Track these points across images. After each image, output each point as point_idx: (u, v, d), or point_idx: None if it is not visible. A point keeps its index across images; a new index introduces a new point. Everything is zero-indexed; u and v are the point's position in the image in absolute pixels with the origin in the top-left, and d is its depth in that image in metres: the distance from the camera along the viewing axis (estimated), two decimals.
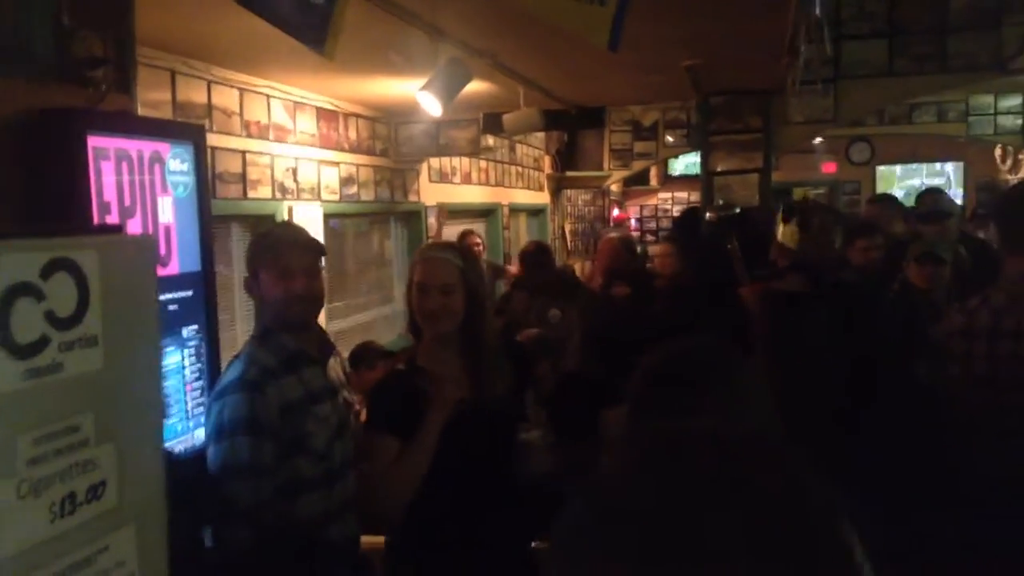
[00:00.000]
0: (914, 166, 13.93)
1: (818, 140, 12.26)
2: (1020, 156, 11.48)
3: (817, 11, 2.74)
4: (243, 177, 4.77)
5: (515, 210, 9.44)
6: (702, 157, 6.86)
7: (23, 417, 0.79)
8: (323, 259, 2.58)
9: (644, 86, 6.22)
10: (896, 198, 5.81)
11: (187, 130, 2.71)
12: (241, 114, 4.76)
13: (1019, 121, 9.37)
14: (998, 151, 11.91)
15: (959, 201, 11.13)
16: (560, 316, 4.97)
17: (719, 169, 6.68)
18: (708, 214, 6.45)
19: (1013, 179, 11.90)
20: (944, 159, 13.74)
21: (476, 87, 4.83)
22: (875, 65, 6.02)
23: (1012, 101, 9.27)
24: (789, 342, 3.32)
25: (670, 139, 9.04)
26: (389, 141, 6.60)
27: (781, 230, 3.76)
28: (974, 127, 9.60)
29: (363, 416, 2.75)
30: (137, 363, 0.89)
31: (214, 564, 2.23)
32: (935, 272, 4.03)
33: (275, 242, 2.44)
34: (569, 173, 9.77)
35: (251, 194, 4.83)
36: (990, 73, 5.92)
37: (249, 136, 4.84)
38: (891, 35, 5.98)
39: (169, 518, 1.35)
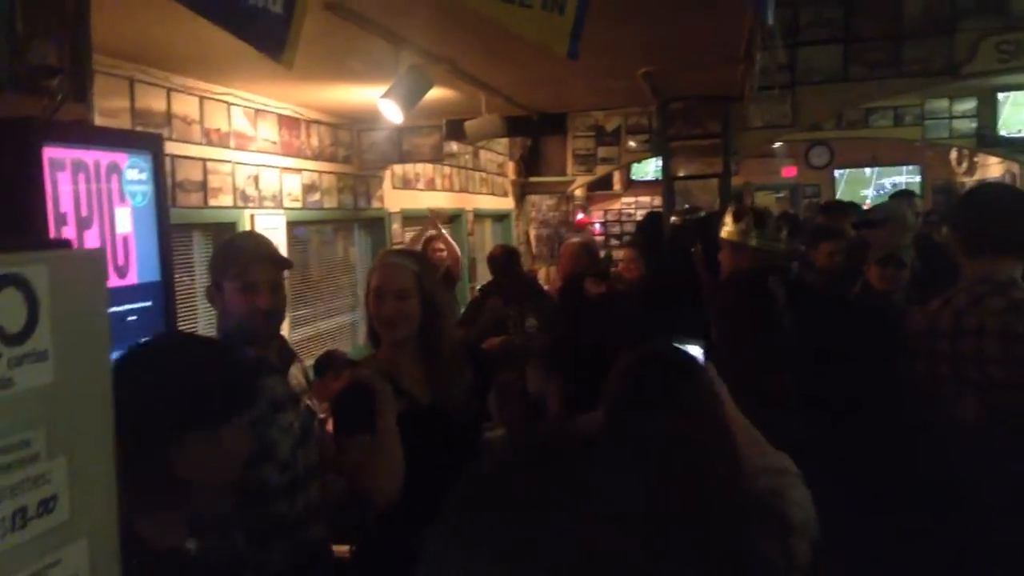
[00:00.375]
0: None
1: (778, 144, 12.44)
2: (975, 159, 11.73)
3: (769, 20, 2.78)
4: (204, 185, 4.74)
5: (480, 216, 9.46)
6: (663, 162, 6.93)
7: None
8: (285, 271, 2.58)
9: (605, 92, 6.27)
10: (848, 205, 5.92)
11: (145, 139, 2.69)
12: (201, 122, 4.73)
13: (973, 125, 9.56)
14: (953, 154, 12.16)
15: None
16: (537, 325, 5.01)
17: (680, 174, 6.75)
18: (673, 218, 6.52)
19: (969, 181, 12.15)
20: (902, 163, 13.99)
21: (438, 94, 4.84)
22: (831, 71, 6.12)
23: (966, 105, 9.46)
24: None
25: (632, 144, 9.12)
26: (352, 148, 6.59)
27: (729, 228, 3.84)
28: (930, 131, 9.78)
29: (329, 425, 2.75)
30: (88, 377, 0.89)
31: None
32: (896, 275, 4.11)
33: (239, 254, 2.43)
34: (533, 178, 9.82)
35: (212, 202, 4.80)
36: (943, 78, 6.05)
37: (210, 144, 4.81)
38: (847, 41, 6.08)
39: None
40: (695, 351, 2.04)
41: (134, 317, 2.53)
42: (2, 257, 0.77)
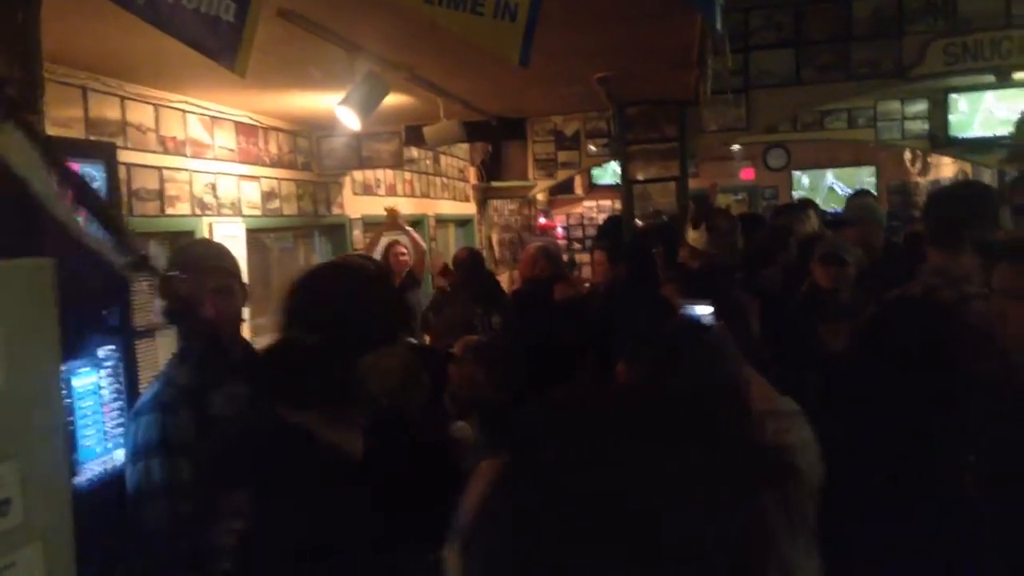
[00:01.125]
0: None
1: (736, 147, 12.61)
2: (929, 160, 11.96)
3: (718, 26, 2.85)
4: (160, 194, 4.71)
5: (442, 221, 9.47)
6: (621, 166, 7.00)
7: None
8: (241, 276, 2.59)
9: (563, 97, 6.33)
10: (799, 205, 6.02)
11: (97, 148, 2.69)
12: (157, 130, 4.71)
13: (925, 126, 9.75)
14: (907, 155, 12.39)
15: None
16: (500, 323, 5.09)
17: (639, 177, 6.83)
18: (639, 222, 6.58)
19: (923, 181, 12.39)
20: (857, 164, 14.21)
21: (396, 100, 4.86)
22: (784, 74, 6.23)
23: (918, 107, 9.65)
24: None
25: (592, 148, 9.18)
26: (311, 154, 6.58)
27: (691, 234, 3.90)
28: (883, 132, 9.96)
29: None
30: (38, 383, 0.90)
31: None
32: (839, 272, 4.16)
33: (190, 261, 2.44)
34: (495, 183, 9.85)
35: (169, 211, 4.78)
36: (892, 80, 6.17)
37: (166, 152, 4.79)
38: (798, 45, 6.19)
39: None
40: (705, 311, 2.19)
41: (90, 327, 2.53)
42: None
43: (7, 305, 0.85)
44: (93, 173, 2.49)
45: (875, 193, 13.22)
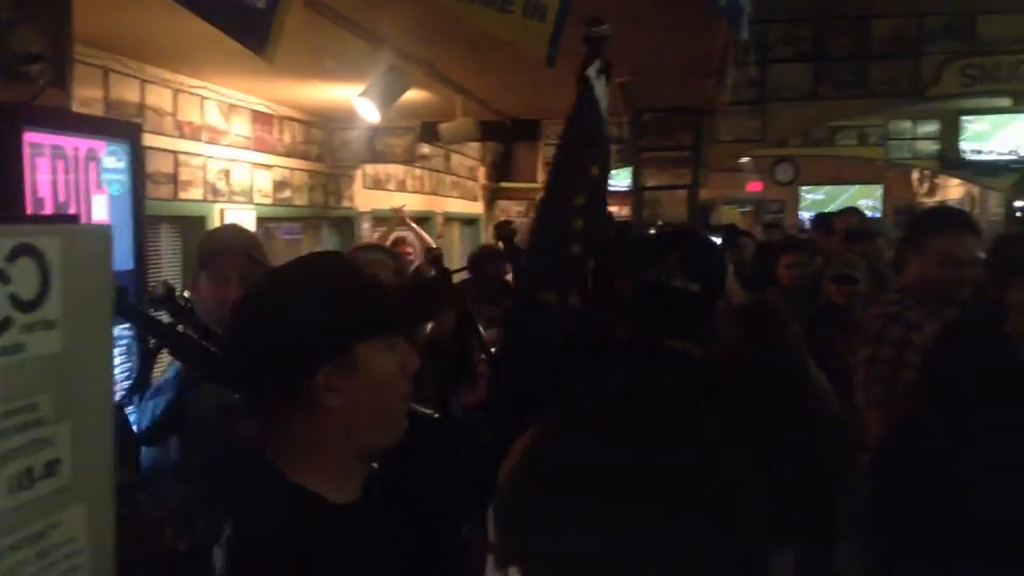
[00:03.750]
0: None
1: (745, 159, 12.62)
2: (936, 180, 11.98)
3: (744, 35, 2.86)
4: (174, 178, 4.72)
5: (449, 219, 9.49)
6: (633, 172, 7.01)
7: None
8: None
9: None
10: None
11: (124, 128, 2.69)
12: (174, 114, 4.72)
13: (936, 146, 9.75)
14: (915, 175, 12.40)
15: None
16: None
17: (650, 184, 6.83)
18: (652, 230, 6.59)
19: (930, 202, 12.41)
20: (864, 182, 14.24)
21: (414, 95, 4.87)
22: (801, 88, 6.24)
23: (930, 127, 9.65)
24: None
25: None
26: (324, 146, 6.59)
27: None
28: (892, 151, 9.97)
29: None
30: (93, 347, 0.91)
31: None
32: (848, 290, 4.28)
33: (213, 243, 2.44)
34: (503, 184, 9.86)
35: (182, 195, 4.79)
36: (909, 99, 6.19)
37: (182, 137, 4.80)
38: (816, 60, 6.20)
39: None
40: None
41: None
42: (18, 228, 0.80)
43: (69, 269, 0.86)
44: (119, 152, 2.50)
45: (880, 211, 13.27)
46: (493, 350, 3.12)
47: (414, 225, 6.96)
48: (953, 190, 11.52)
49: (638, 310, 2.14)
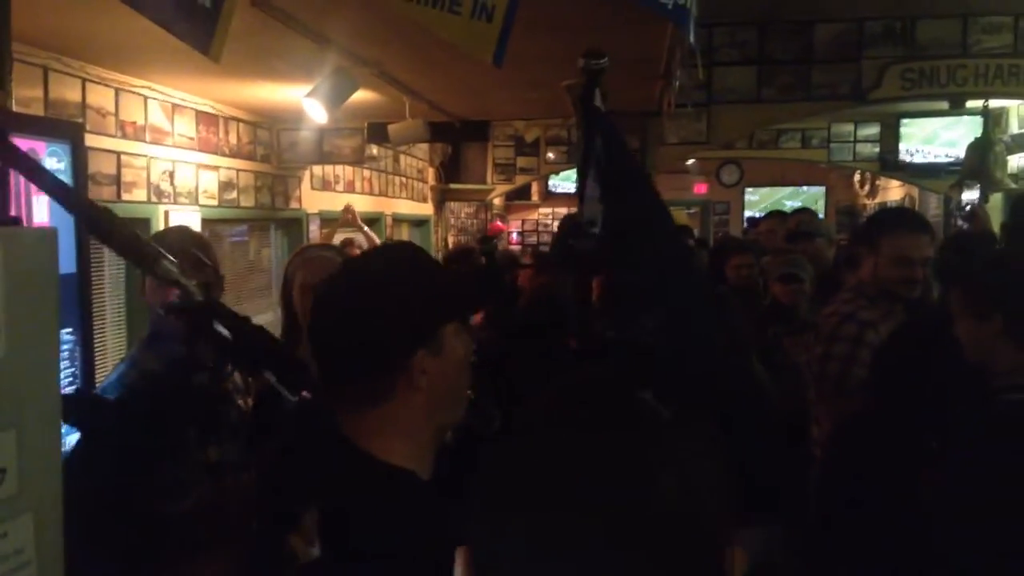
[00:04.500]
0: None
1: (691, 161, 12.76)
2: (877, 182, 12.24)
3: (692, 38, 2.89)
4: (117, 179, 4.63)
5: (399, 220, 9.45)
6: (579, 174, 7.03)
7: None
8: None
9: (527, 102, 6.35)
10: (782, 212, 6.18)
11: (65, 128, 2.64)
12: (116, 114, 4.63)
13: (876, 149, 9.96)
14: (857, 176, 12.66)
15: None
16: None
17: None
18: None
19: (871, 203, 12.67)
20: (808, 183, 14.48)
21: (362, 96, 4.84)
22: (745, 91, 6.32)
23: (870, 130, 9.85)
24: None
25: (551, 155, 9.24)
26: (271, 147, 6.52)
27: None
28: (835, 153, 10.16)
29: None
30: (38, 352, 0.89)
31: None
32: (794, 289, 4.35)
33: (172, 250, 2.40)
34: (453, 185, 9.85)
35: (125, 197, 4.70)
36: (851, 102, 6.31)
37: (124, 137, 4.71)
38: (760, 63, 6.29)
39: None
40: None
41: None
42: None
43: (11, 273, 0.84)
44: (60, 152, 2.45)
45: (823, 212, 13.52)
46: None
47: (364, 227, 6.92)
48: (893, 192, 11.77)
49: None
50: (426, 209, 10.10)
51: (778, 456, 2.76)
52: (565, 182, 12.56)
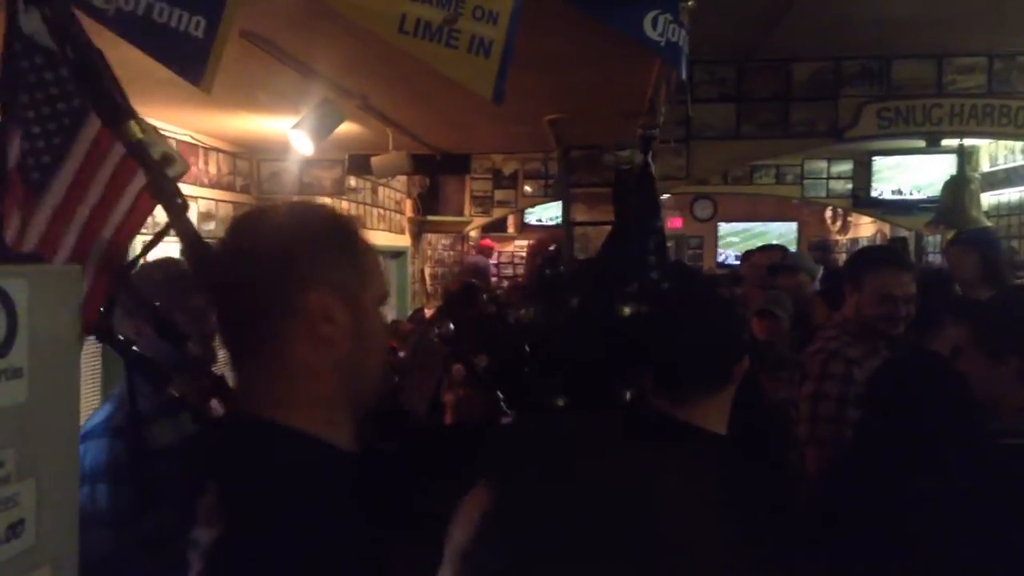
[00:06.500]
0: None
1: (666, 196, 12.85)
2: (849, 218, 12.40)
3: (683, 74, 2.91)
4: None
5: (376, 252, 9.38)
6: (564, 207, 7.06)
7: None
8: None
9: (510, 136, 6.37)
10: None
11: None
12: None
13: (849, 185, 10.09)
14: (828, 212, 12.81)
15: None
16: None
17: (579, 219, 6.89)
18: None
19: (843, 239, 12.82)
20: (780, 219, 14.64)
21: (345, 128, 4.82)
22: (724, 128, 6.39)
23: (843, 167, 9.99)
24: None
25: (528, 189, 9.27)
26: (251, 178, 6.47)
27: None
28: (808, 190, 10.28)
29: None
30: (59, 396, 0.85)
31: None
32: (773, 326, 4.37)
33: (177, 279, 2.35)
34: (431, 217, 9.83)
35: None
36: (828, 140, 6.40)
37: None
38: (739, 101, 6.37)
39: None
40: None
41: None
42: None
43: (36, 312, 0.80)
44: None
45: (795, 247, 13.65)
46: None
47: None
48: (865, 228, 11.92)
49: None
50: (403, 241, 10.06)
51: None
52: (541, 214, 12.59)
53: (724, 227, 15.11)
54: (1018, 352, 2.05)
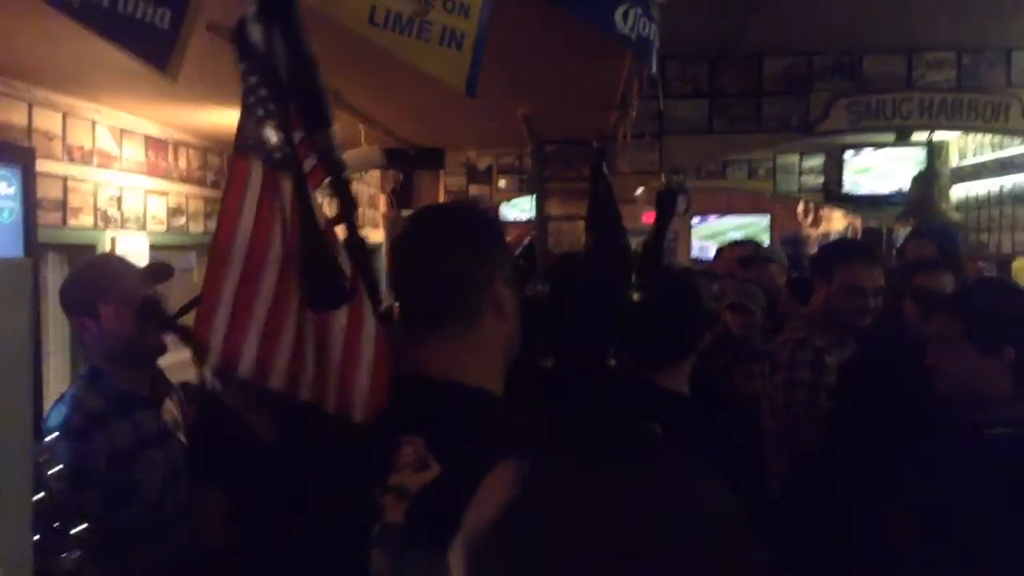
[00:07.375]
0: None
1: (639, 191, 12.89)
2: (820, 212, 12.48)
3: (653, 69, 2.91)
4: (63, 204, 4.49)
5: None
6: (537, 202, 7.06)
7: None
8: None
9: (483, 130, 6.35)
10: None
11: (15, 153, 2.55)
12: (64, 138, 4.50)
13: (820, 179, 10.15)
14: (800, 207, 12.89)
15: None
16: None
17: (553, 214, 6.89)
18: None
19: (815, 232, 12.91)
20: (753, 213, 14.71)
21: None
22: (696, 122, 6.40)
23: (815, 161, 10.04)
24: None
25: (503, 184, 9.25)
26: (221, 172, 6.40)
27: None
28: (780, 184, 10.32)
29: None
30: (11, 391, 0.83)
31: None
32: (745, 320, 4.39)
33: (119, 273, 2.33)
34: (405, 212, 9.78)
35: (71, 222, 4.56)
36: (799, 134, 6.43)
37: (72, 161, 4.58)
38: (711, 96, 6.38)
39: None
40: None
41: None
42: None
43: None
44: (9, 177, 2.36)
45: (767, 241, 13.74)
46: None
47: None
48: (837, 222, 12.00)
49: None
50: (377, 236, 10.02)
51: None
52: (515, 210, 12.57)
53: (698, 222, 15.18)
54: (1014, 342, 2.06)
